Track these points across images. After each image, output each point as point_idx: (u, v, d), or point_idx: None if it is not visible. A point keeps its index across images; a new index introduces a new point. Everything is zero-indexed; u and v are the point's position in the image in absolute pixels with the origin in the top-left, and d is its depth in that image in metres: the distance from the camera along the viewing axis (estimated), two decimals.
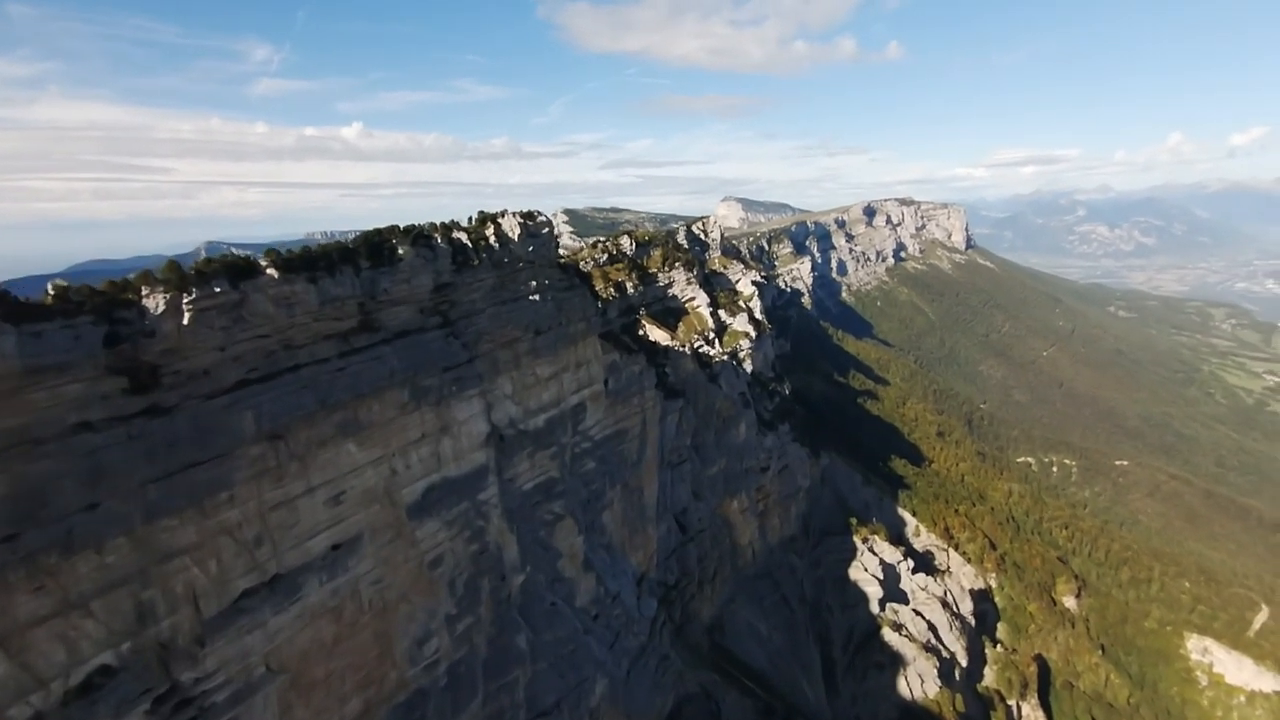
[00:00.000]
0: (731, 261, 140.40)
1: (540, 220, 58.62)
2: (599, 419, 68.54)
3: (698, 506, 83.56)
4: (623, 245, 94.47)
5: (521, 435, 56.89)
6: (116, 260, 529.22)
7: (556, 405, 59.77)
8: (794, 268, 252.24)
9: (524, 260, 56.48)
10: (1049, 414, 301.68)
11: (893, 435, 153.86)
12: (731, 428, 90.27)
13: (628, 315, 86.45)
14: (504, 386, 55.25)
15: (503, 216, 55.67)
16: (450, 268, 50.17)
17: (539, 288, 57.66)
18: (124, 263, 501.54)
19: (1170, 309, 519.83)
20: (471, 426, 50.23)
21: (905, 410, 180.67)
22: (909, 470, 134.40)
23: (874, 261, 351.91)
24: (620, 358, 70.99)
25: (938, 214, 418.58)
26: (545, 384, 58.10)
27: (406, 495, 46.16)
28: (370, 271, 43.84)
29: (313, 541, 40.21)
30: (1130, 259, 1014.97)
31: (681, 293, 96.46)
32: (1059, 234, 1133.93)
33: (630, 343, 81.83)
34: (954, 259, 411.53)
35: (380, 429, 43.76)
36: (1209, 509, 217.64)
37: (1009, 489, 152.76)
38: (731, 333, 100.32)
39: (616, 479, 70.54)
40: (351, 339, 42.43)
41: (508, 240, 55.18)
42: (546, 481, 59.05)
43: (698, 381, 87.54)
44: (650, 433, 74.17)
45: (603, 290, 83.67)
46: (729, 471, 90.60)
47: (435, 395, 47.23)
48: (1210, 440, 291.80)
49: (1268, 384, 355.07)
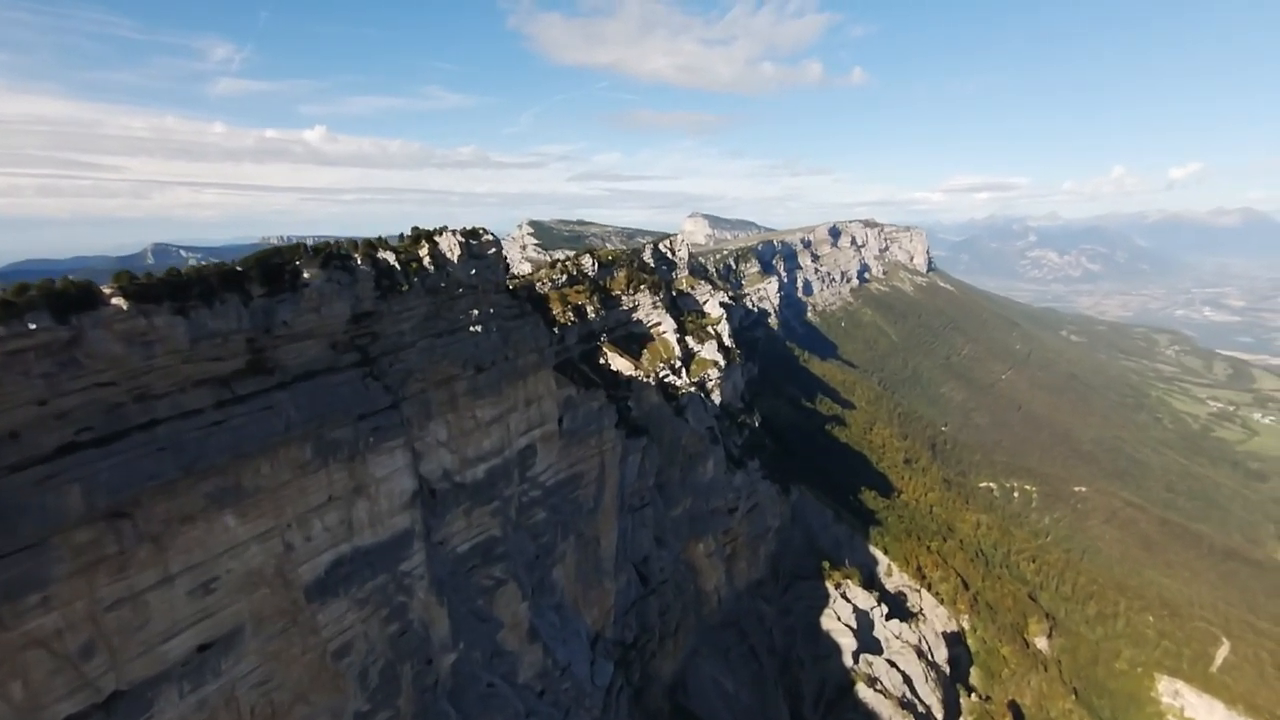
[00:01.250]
0: (699, 282, 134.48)
1: (486, 240, 50.96)
2: (551, 463, 60.73)
3: (660, 554, 76.12)
4: (584, 265, 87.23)
5: (457, 489, 48.74)
6: (56, 260, 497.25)
7: (500, 452, 51.81)
8: (761, 288, 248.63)
9: (465, 285, 48.67)
10: (1008, 437, 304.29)
11: (861, 464, 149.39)
12: (698, 465, 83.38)
13: (588, 342, 79.07)
14: (437, 433, 47.13)
15: (440, 234, 47.85)
16: (373, 294, 42.08)
17: (482, 316, 49.86)
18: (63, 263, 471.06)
19: (1118, 334, 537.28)
20: (393, 484, 41.97)
21: (872, 436, 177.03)
22: (879, 503, 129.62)
23: (839, 282, 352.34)
24: (577, 393, 63.44)
25: (900, 236, 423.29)
26: (487, 428, 50.14)
27: (305, 573, 37.65)
28: (265, 300, 35.53)
29: (170, 644, 31.48)
30: (1078, 284, 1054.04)
31: (647, 317, 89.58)
32: (1012, 259, 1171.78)
33: (589, 373, 74.42)
34: (916, 281, 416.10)
35: (270, 495, 35.29)
36: (1164, 536, 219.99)
37: (977, 520, 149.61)
38: (699, 361, 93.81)
39: (570, 529, 62.70)
40: (235, 384, 33.97)
41: (445, 262, 47.33)
42: (486, 542, 50.90)
43: (663, 415, 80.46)
44: (609, 476, 66.60)
45: (561, 315, 76.16)
46: (694, 512, 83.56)
47: (347, 449, 38.95)
48: (1160, 465, 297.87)
49: (1211, 410, 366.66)
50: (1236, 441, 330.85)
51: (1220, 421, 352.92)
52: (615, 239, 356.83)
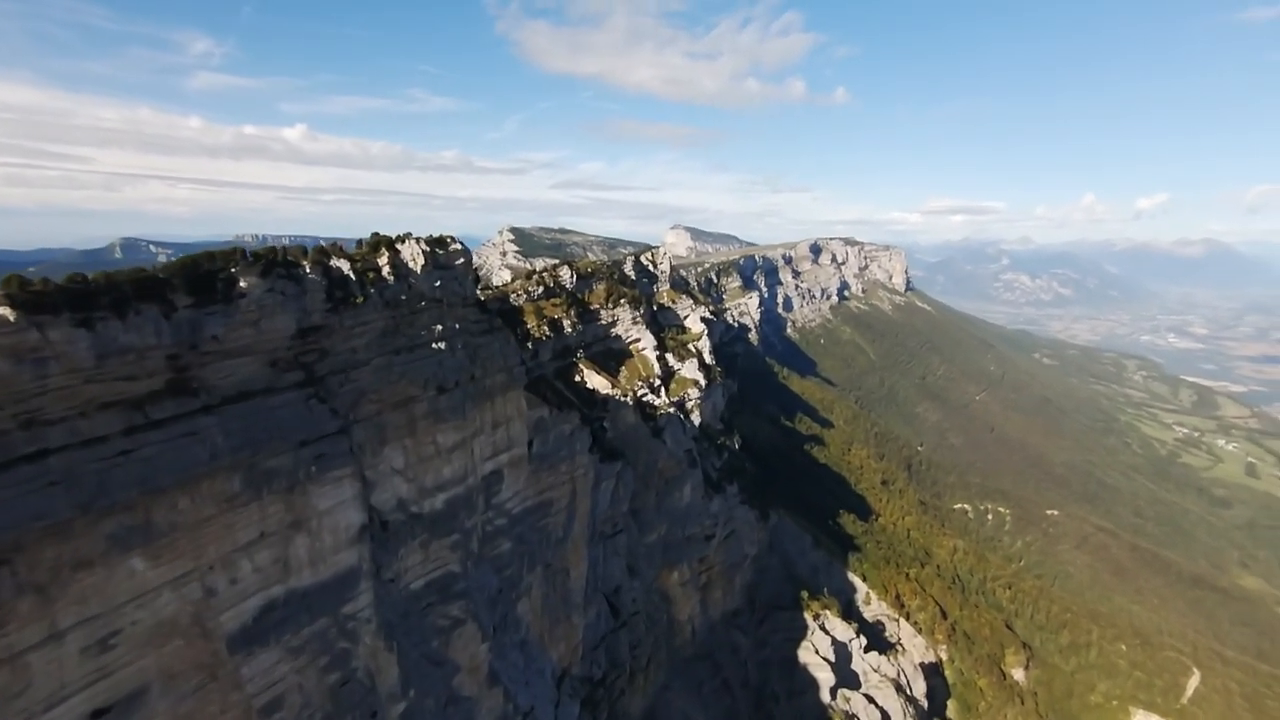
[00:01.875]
0: (680, 296, 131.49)
1: (454, 249, 47.06)
2: (519, 489, 56.69)
3: (632, 584, 72.20)
4: (562, 277, 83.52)
5: (413, 520, 44.50)
6: (19, 251, 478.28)
7: (462, 480, 47.66)
8: (742, 303, 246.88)
9: (428, 298, 44.67)
10: (982, 459, 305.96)
11: (840, 486, 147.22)
12: (675, 490, 79.80)
13: (564, 358, 75.26)
14: (393, 459, 42.92)
15: (403, 242, 43.86)
16: (323, 306, 37.94)
17: (446, 332, 45.86)
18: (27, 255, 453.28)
19: (1089, 358, 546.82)
20: (338, 517, 37.67)
21: (850, 457, 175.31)
22: (858, 527, 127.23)
23: (819, 299, 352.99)
24: (549, 414, 59.55)
25: (880, 255, 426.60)
26: (449, 455, 46.00)
27: (229, 621, 33.18)
28: (192, 311, 31.25)
29: (56, 711, 26.92)
30: (1049, 308, 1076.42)
31: (626, 333, 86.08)
32: (986, 281, 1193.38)
33: (564, 391, 70.58)
34: (894, 300, 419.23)
35: (189, 534, 30.88)
36: (1134, 562, 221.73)
37: (953, 545, 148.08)
38: (679, 380, 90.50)
39: (537, 560, 58.60)
40: (150, 408, 29.59)
41: (407, 273, 43.33)
42: (444, 578, 46.64)
43: (639, 437, 76.81)
44: (581, 503, 62.69)
45: (535, 328, 72.30)
46: (669, 539, 79.87)
47: (285, 480, 34.64)
48: (1129, 490, 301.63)
49: (1178, 435, 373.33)
50: (1202, 468, 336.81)
51: (1186, 447, 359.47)
52: (597, 248, 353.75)
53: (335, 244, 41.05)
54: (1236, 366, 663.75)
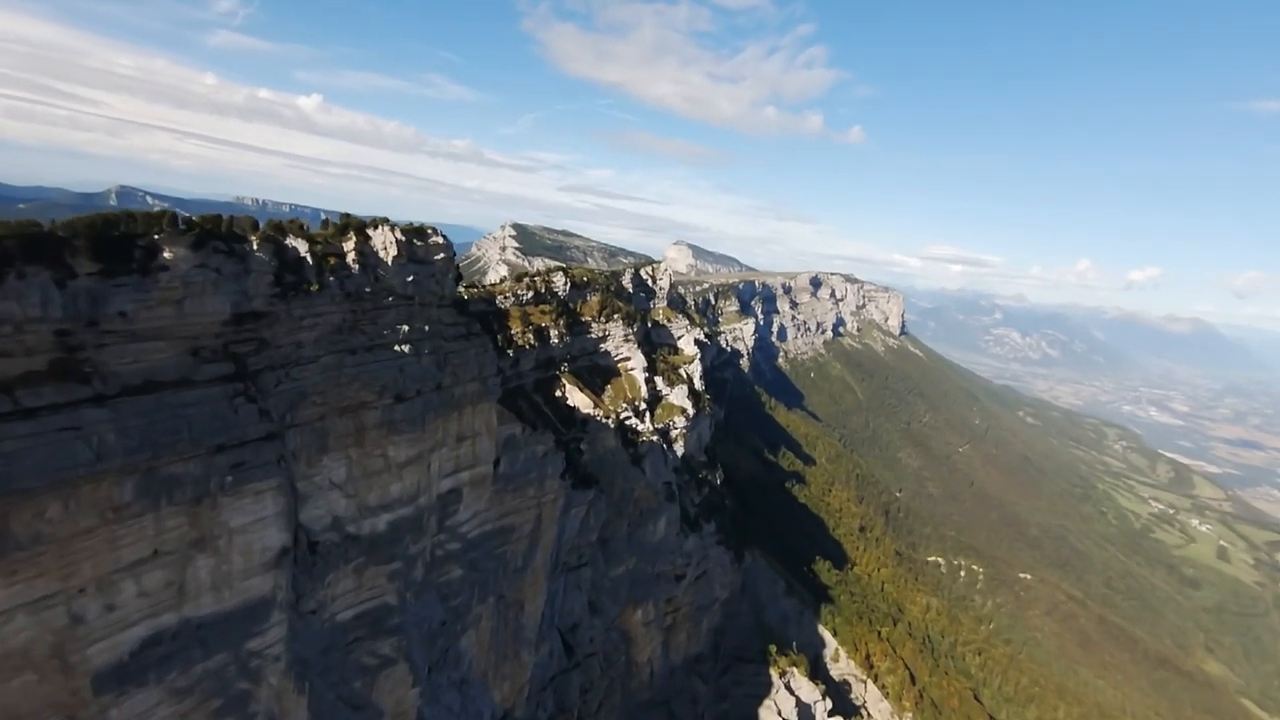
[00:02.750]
0: (677, 315, 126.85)
1: (434, 242, 41.89)
2: (478, 511, 51.23)
3: (592, 622, 66.65)
4: (555, 284, 78.45)
5: (349, 542, 38.94)
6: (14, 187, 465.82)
7: (413, 500, 42.15)
8: (737, 327, 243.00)
9: (398, 294, 39.41)
10: (959, 512, 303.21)
11: (818, 530, 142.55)
12: (649, 523, 74.54)
13: (546, 369, 70.04)
14: (332, 471, 37.44)
15: (375, 228, 38.60)
16: (268, 290, 32.58)
17: (414, 334, 40.57)
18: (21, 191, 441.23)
19: (1071, 422, 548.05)
20: (253, 537, 32.10)
21: (830, 499, 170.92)
22: (832, 576, 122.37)
23: (813, 332, 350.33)
24: (521, 432, 54.25)
25: (878, 296, 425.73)
26: (400, 470, 40.54)
27: (99, 654, 27.47)
28: (95, 281, 25.87)
29: None
30: (1036, 367, 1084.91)
31: (616, 350, 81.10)
32: (976, 333, 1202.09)
33: (542, 406, 65.33)
34: (887, 342, 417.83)
35: (58, 549, 25.31)
36: (1101, 635, 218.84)
37: (927, 604, 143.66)
38: (666, 405, 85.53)
39: (490, 590, 53.06)
40: (21, 393, 24.08)
41: (376, 263, 38.09)
42: (377, 610, 41.00)
43: (617, 463, 71.60)
44: (546, 532, 57.27)
45: (520, 335, 67.09)
46: (637, 575, 74.48)
47: (192, 489, 29.11)
48: (1101, 560, 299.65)
49: (1152, 510, 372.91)
50: (1174, 545, 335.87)
51: (1160, 523, 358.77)
52: (597, 254, 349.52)
53: (296, 220, 35.76)
54: (1213, 446, 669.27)
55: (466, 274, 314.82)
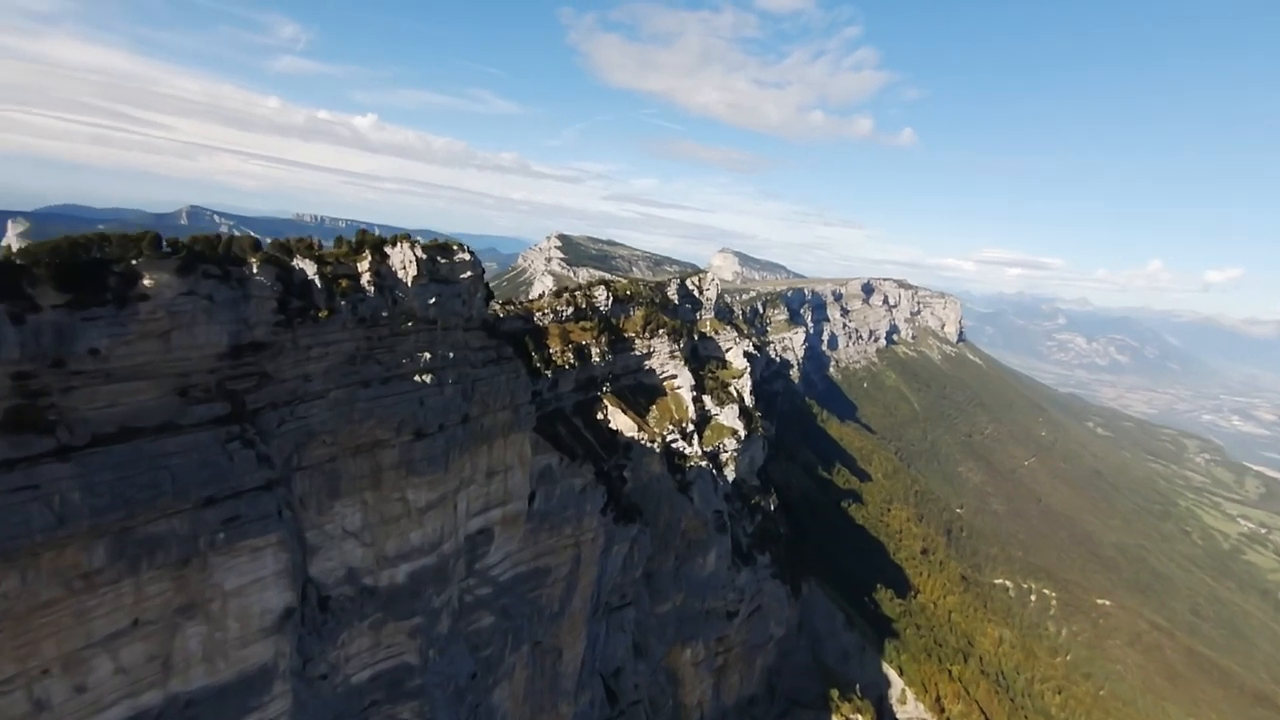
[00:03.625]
0: (724, 326, 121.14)
1: (460, 260, 37.79)
2: (510, 552, 46.82)
3: (637, 666, 61.48)
4: (596, 298, 74.09)
5: (365, 596, 34.93)
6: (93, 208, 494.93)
7: (435, 547, 37.92)
8: (786, 337, 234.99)
9: (418, 318, 35.38)
10: (1025, 530, 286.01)
11: (877, 553, 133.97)
12: (698, 556, 69.04)
13: (586, 390, 65.56)
14: (346, 518, 33.50)
15: (394, 245, 34.69)
16: (271, 318, 28.85)
17: (436, 361, 36.46)
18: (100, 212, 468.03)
19: (1145, 433, 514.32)
20: (251, 600, 28.23)
21: (889, 519, 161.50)
22: (895, 607, 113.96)
23: (865, 340, 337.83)
24: (559, 463, 49.70)
25: (934, 302, 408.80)
26: (420, 516, 36.39)
27: None
28: (62, 314, 22.40)
29: None
30: (1103, 374, 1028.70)
31: (661, 367, 76.14)
32: (1037, 338, 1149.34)
33: (582, 430, 60.76)
34: (944, 350, 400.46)
35: (15, 626, 21.76)
36: (1190, 669, 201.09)
37: (999, 636, 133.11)
38: (715, 426, 80.00)
39: (524, 637, 48.51)
40: None
41: (394, 283, 34.15)
42: (396, 670, 36.83)
43: (663, 491, 66.43)
44: (585, 573, 52.52)
45: (559, 354, 62.82)
46: (685, 612, 68.98)
47: (177, 549, 25.38)
48: (1186, 584, 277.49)
49: (1242, 529, 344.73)
50: (1269, 569, 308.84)
51: (1251, 544, 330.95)
52: (642, 263, 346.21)
53: (305, 239, 32.08)
54: None
55: (513, 285, 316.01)
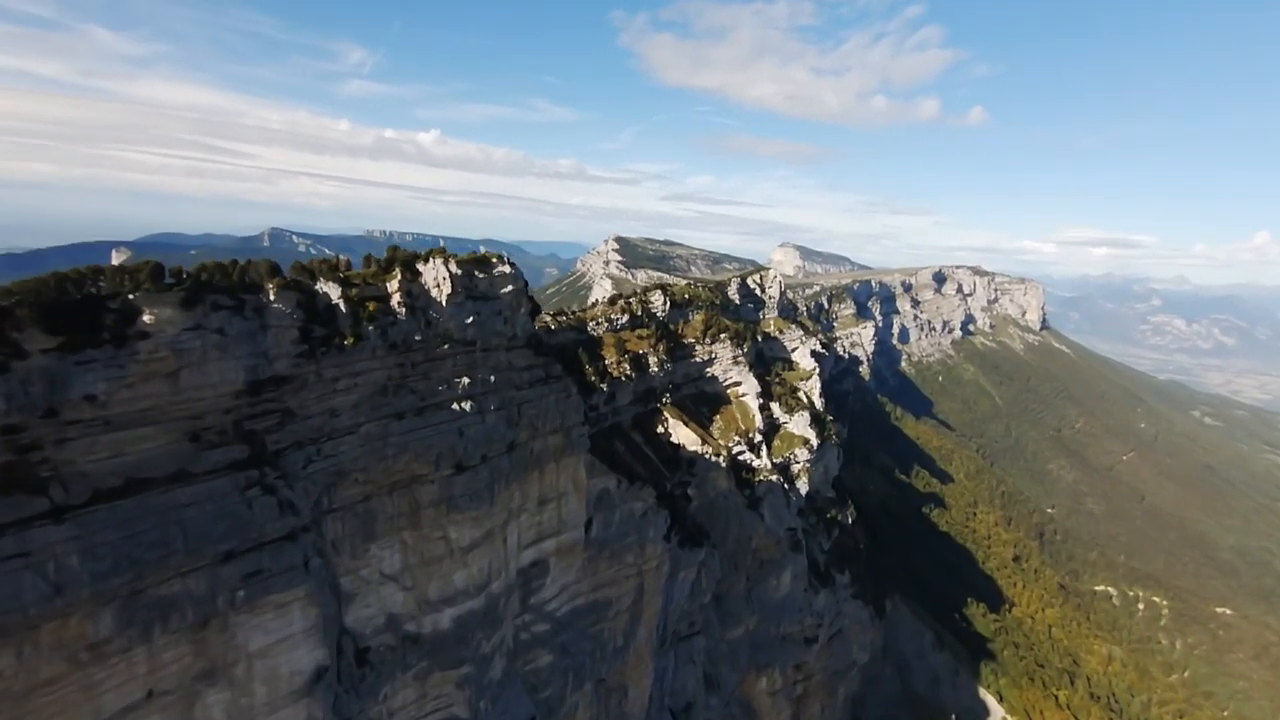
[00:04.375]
0: (789, 325, 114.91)
1: (499, 273, 34.55)
2: (568, 584, 43.40)
3: (709, 700, 57.08)
4: (653, 304, 70.10)
5: (407, 645, 32.08)
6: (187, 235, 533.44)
7: (483, 589, 34.76)
8: (855, 332, 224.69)
9: (455, 339, 32.30)
10: (1128, 533, 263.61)
11: (965, 563, 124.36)
12: (771, 576, 63.97)
13: (645, 402, 61.67)
14: (384, 561, 30.72)
15: (426, 261, 31.71)
16: (293, 349, 26.29)
17: (477, 386, 33.31)
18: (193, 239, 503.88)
19: (1262, 422, 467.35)
20: (278, 661, 25.65)
21: (976, 524, 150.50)
22: (989, 623, 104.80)
23: (939, 332, 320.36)
24: (617, 486, 45.98)
25: (1013, 288, 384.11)
26: (464, 555, 33.30)
27: None
28: (53, 359, 20.17)
29: None
30: (1207, 358, 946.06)
31: (724, 375, 71.43)
32: (1130, 321, 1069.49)
33: (642, 446, 56.90)
34: (1026, 339, 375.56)
35: (8, 709, 19.62)
36: None
37: (1107, 654, 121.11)
38: (785, 435, 74.53)
39: (586, 675, 45.00)
40: None
41: (428, 303, 31.16)
42: None
43: (731, 508, 61.75)
44: (649, 603, 48.58)
45: (614, 365, 59.21)
46: (760, 638, 64.03)
47: (194, 611, 22.95)
48: None
49: None
50: None
51: None
52: (700, 262, 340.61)
53: (326, 260, 29.48)
54: None
55: (572, 289, 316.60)
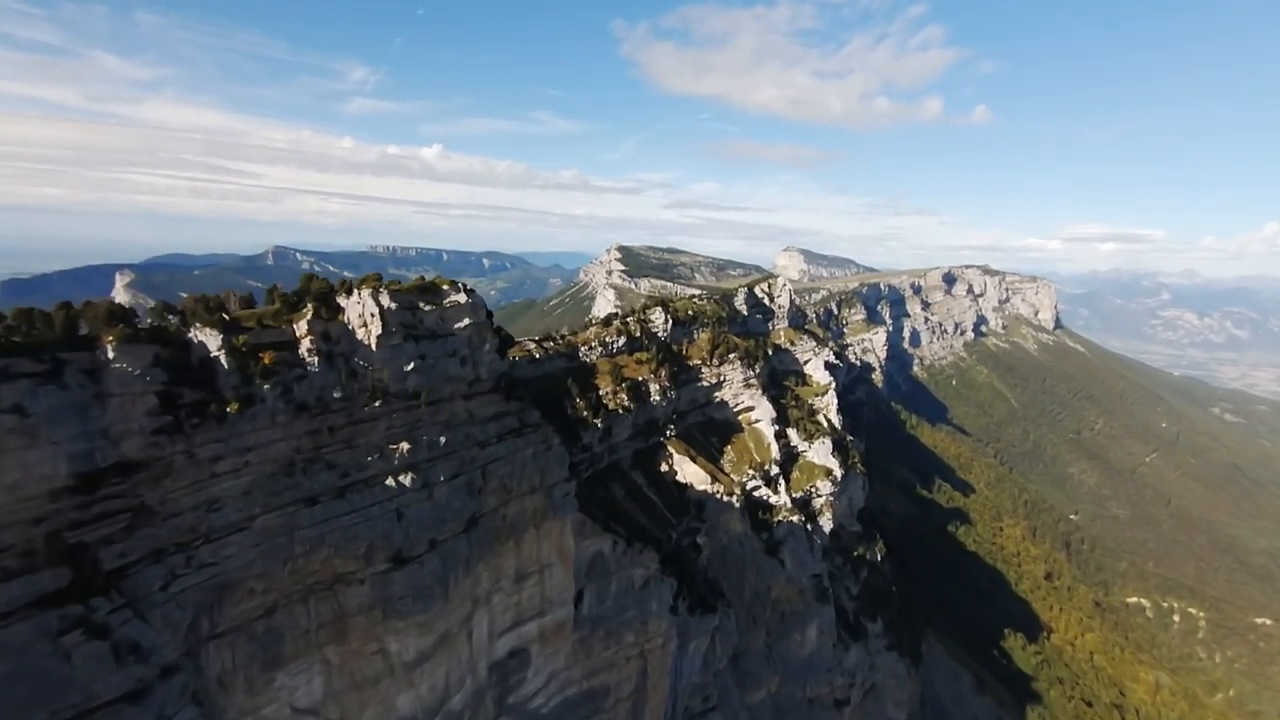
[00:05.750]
0: (801, 336, 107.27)
1: (450, 303, 27.03)
2: (556, 672, 35.68)
3: None
4: (653, 323, 62.50)
5: None
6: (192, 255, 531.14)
7: (436, 710, 27.03)
8: (866, 338, 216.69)
9: (392, 394, 24.75)
10: (1155, 538, 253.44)
11: (996, 586, 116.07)
12: (794, 631, 56.06)
13: (646, 436, 54.04)
14: (296, 693, 23.13)
15: (350, 293, 24.16)
16: (148, 423, 18.90)
17: (422, 453, 25.72)
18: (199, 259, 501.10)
19: None
20: None
21: (1002, 540, 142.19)
22: (1029, 657, 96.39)
23: (951, 334, 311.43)
24: (613, 550, 38.33)
25: (1024, 287, 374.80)
26: (410, 673, 25.60)
27: None
28: None
29: None
30: (1220, 351, 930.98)
31: (734, 398, 63.75)
32: (1140, 317, 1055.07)
33: (644, 487, 49.18)
34: (1040, 339, 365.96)
35: None
36: None
37: (1154, 681, 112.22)
38: (805, 466, 66.67)
39: None
40: None
41: (351, 348, 23.67)
42: None
43: (747, 554, 53.96)
44: (654, 689, 40.72)
45: (610, 396, 51.67)
46: (783, 700, 55.96)
47: None
48: None
49: None
50: None
51: None
52: (705, 269, 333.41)
53: (207, 297, 22.05)
54: None
55: (575, 301, 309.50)
